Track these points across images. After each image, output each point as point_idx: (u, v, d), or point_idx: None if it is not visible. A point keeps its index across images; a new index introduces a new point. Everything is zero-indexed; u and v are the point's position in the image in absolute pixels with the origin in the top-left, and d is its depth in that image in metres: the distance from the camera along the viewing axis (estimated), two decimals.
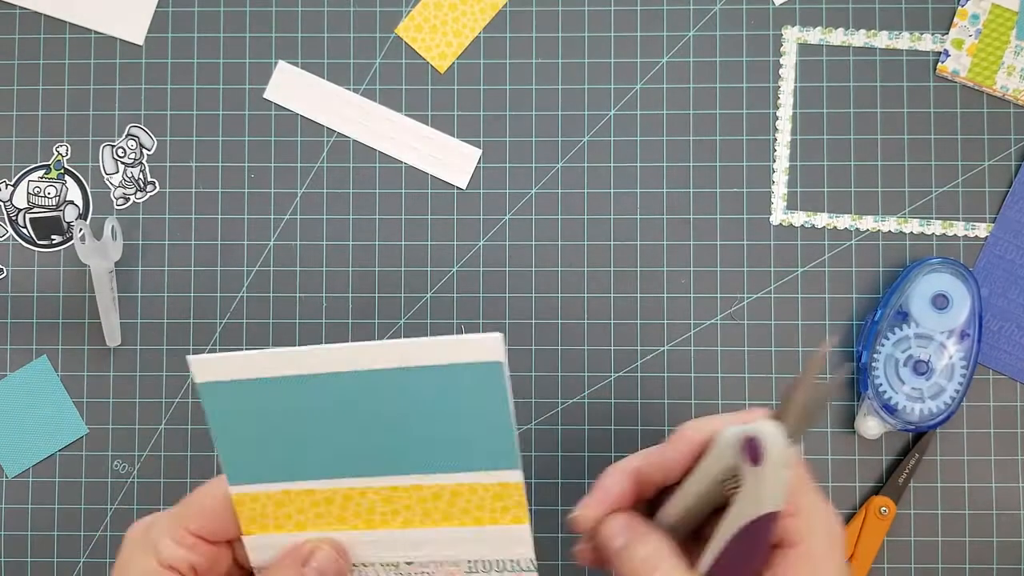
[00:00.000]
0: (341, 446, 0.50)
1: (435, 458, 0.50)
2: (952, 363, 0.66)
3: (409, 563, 0.52)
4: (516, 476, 0.50)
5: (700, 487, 0.49)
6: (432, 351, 0.48)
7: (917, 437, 0.69)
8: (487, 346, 0.47)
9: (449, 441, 0.50)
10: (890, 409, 0.66)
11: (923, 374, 0.66)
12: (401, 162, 0.71)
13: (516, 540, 0.52)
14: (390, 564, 0.52)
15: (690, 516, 0.50)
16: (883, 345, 0.67)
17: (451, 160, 0.71)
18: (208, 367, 0.48)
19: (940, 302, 0.67)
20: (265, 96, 0.71)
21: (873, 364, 0.67)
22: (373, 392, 0.49)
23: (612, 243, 0.70)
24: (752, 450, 0.46)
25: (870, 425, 0.67)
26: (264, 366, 0.49)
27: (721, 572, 0.48)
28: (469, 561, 0.53)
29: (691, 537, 0.50)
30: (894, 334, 0.67)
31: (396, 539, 0.52)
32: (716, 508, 0.50)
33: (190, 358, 0.47)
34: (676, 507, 0.50)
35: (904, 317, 0.67)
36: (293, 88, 0.71)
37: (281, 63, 0.71)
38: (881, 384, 0.66)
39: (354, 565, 0.52)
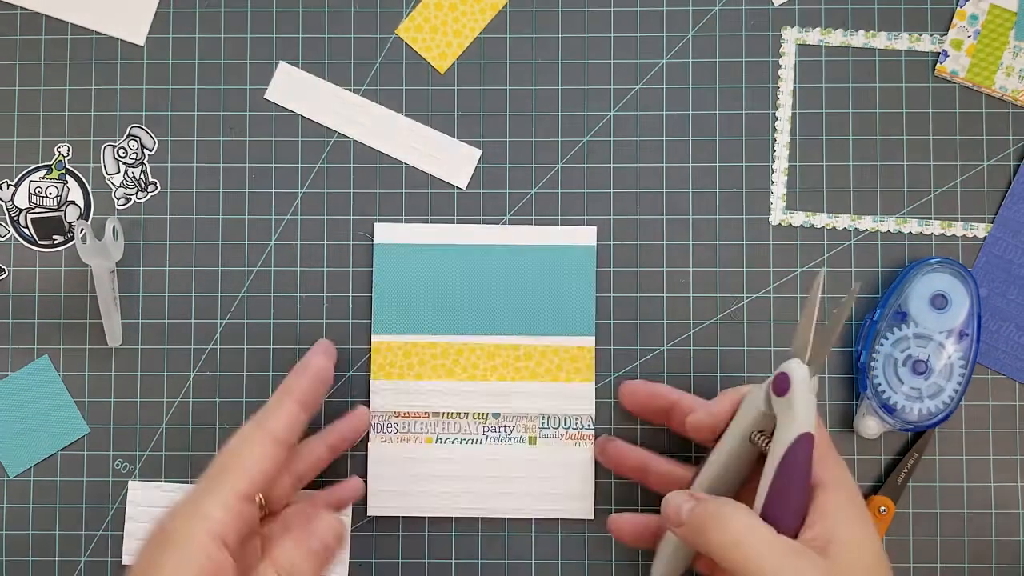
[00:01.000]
0: (461, 309, 0.68)
1: (531, 323, 0.68)
2: (951, 363, 0.66)
3: (496, 415, 0.67)
4: (590, 342, 0.68)
5: (734, 443, 0.58)
6: (544, 235, 0.68)
7: (916, 437, 0.69)
8: (584, 234, 0.68)
9: (544, 310, 0.68)
10: (889, 409, 0.67)
11: (922, 374, 0.66)
12: (401, 162, 0.71)
13: (583, 397, 0.68)
14: (480, 416, 0.67)
15: (726, 476, 0.59)
16: (882, 345, 0.67)
17: (451, 160, 0.71)
18: (385, 231, 0.69)
19: (939, 302, 0.67)
20: (266, 97, 0.71)
21: (872, 364, 0.67)
22: (495, 264, 0.68)
23: (612, 243, 0.70)
24: (780, 383, 0.55)
25: (869, 425, 0.67)
26: (423, 234, 0.68)
27: (774, 508, 0.55)
28: (543, 416, 0.67)
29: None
30: (893, 334, 0.67)
31: (491, 390, 0.68)
32: (745, 480, 0.59)
33: (377, 225, 0.69)
34: (713, 467, 0.59)
35: (903, 317, 0.67)
36: (294, 89, 0.71)
37: (282, 64, 0.71)
38: (880, 384, 0.67)
39: (451, 415, 0.68)
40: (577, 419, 0.68)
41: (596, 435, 0.69)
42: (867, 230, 0.70)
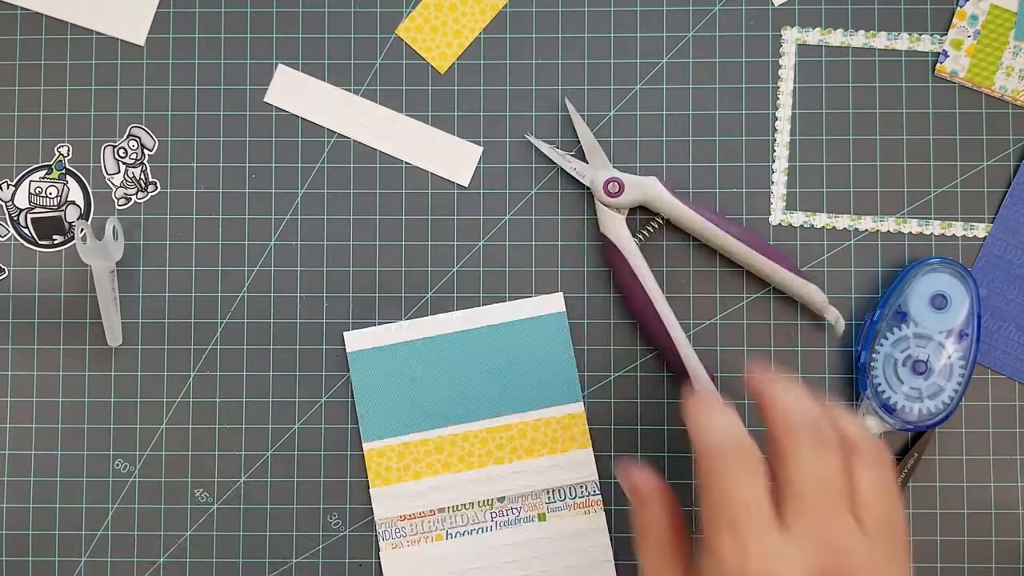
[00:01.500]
0: (446, 399, 0.67)
1: (518, 401, 0.67)
2: (951, 363, 0.66)
3: (501, 499, 0.67)
4: (580, 408, 0.68)
5: None
6: (514, 311, 0.68)
7: (916, 437, 0.69)
8: (553, 302, 0.68)
9: (528, 385, 0.67)
10: (889, 409, 0.67)
11: (922, 374, 0.66)
12: (402, 161, 0.71)
13: (583, 463, 0.68)
14: (486, 503, 0.67)
15: None
16: (882, 345, 0.67)
17: (453, 158, 0.71)
18: (356, 339, 0.68)
19: (939, 302, 0.67)
20: (266, 100, 0.71)
21: (872, 364, 0.67)
22: (471, 348, 0.68)
23: None
24: None
25: (869, 425, 0.67)
26: (394, 334, 0.68)
27: None
28: (548, 491, 0.67)
29: None
30: (893, 334, 0.67)
31: (491, 475, 0.67)
32: None
33: (346, 334, 0.68)
34: None
35: (903, 317, 0.67)
36: (294, 91, 0.71)
37: (281, 66, 0.71)
38: (880, 384, 0.67)
39: (457, 508, 0.67)
40: (582, 487, 0.68)
41: (603, 500, 0.68)
42: (867, 230, 0.70)
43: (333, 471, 0.70)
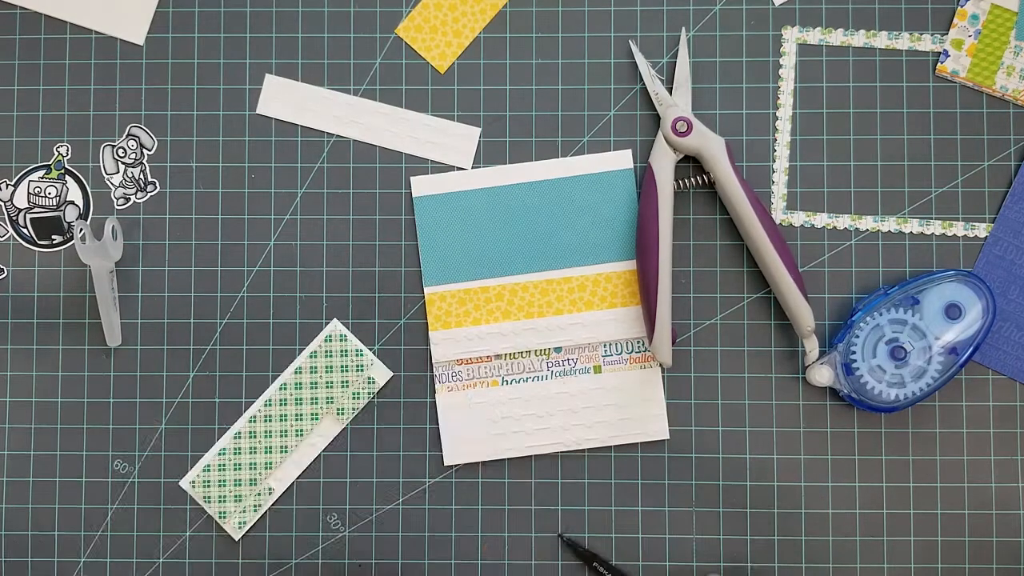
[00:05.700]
0: (509, 249, 0.68)
1: (580, 254, 0.68)
2: (926, 368, 0.66)
3: (558, 349, 0.68)
4: None
5: None
6: (580, 165, 0.69)
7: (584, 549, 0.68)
8: (620, 159, 0.69)
9: (591, 239, 0.68)
10: (848, 371, 0.67)
11: (898, 359, 0.66)
12: (401, 159, 0.71)
13: (642, 319, 0.68)
14: (543, 352, 0.68)
15: None
16: (880, 315, 0.67)
17: (452, 143, 0.71)
18: (422, 184, 0.69)
19: (952, 312, 0.66)
20: (258, 111, 0.71)
21: (860, 326, 0.67)
22: (537, 199, 0.69)
23: None
24: None
25: (822, 372, 0.67)
26: (460, 181, 0.69)
27: None
28: (604, 344, 0.68)
29: None
30: (896, 312, 0.66)
31: (549, 325, 0.68)
32: None
33: (413, 178, 0.69)
34: None
35: (914, 303, 0.67)
36: (285, 99, 0.71)
37: (268, 76, 0.71)
38: (855, 347, 0.66)
39: (514, 355, 0.68)
40: (639, 342, 0.69)
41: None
42: (868, 230, 0.70)
43: (333, 471, 0.70)
